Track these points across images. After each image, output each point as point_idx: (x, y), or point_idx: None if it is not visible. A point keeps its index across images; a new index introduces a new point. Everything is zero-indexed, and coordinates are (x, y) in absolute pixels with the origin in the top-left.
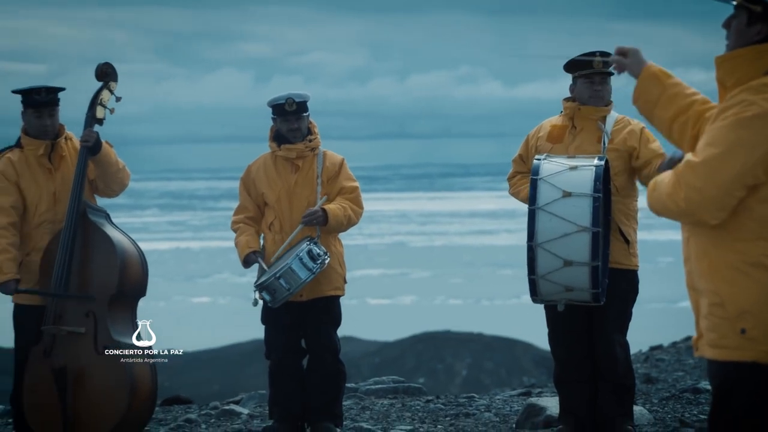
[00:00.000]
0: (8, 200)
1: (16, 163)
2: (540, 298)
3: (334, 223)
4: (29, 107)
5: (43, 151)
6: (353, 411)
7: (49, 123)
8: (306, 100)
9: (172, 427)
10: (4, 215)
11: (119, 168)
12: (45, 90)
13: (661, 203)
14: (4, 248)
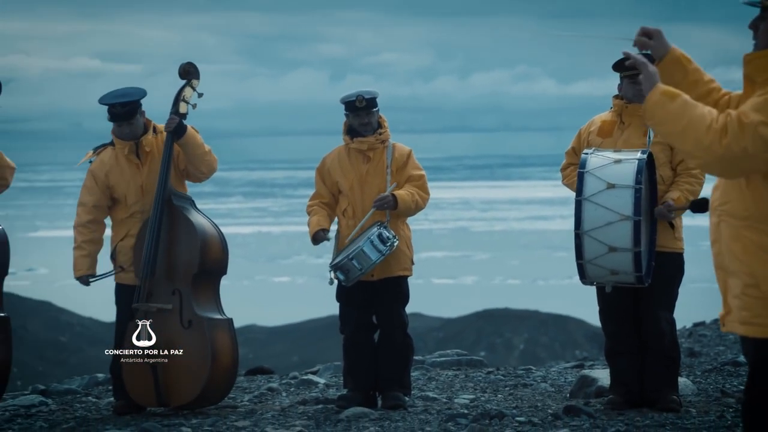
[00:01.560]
0: (92, 199)
1: (107, 161)
2: (588, 280)
3: (403, 207)
4: (110, 119)
5: (129, 150)
6: (420, 381)
7: (128, 131)
8: (375, 96)
9: (255, 395)
10: (86, 213)
11: (205, 151)
12: (120, 105)
13: (697, 126)
14: (80, 245)
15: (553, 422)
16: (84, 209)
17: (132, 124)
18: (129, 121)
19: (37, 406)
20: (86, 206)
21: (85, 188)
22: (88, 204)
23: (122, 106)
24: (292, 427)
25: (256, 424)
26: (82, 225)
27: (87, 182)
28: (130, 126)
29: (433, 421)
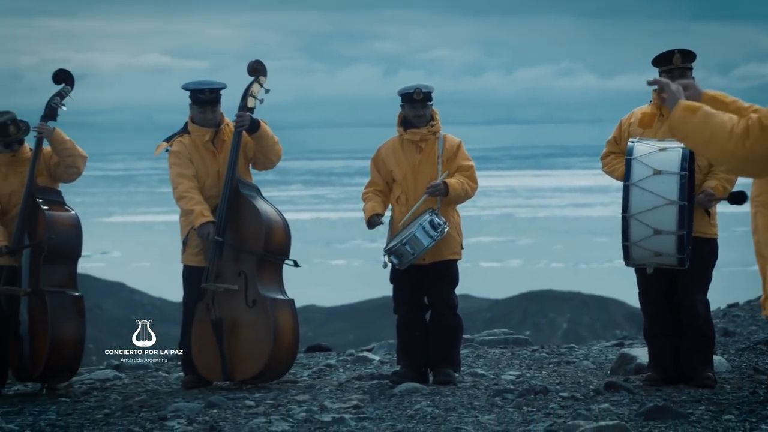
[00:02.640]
0: (191, 170)
1: (188, 146)
2: (632, 262)
3: (453, 195)
4: (195, 104)
5: (209, 138)
6: (469, 358)
7: (211, 117)
8: (431, 90)
9: (314, 371)
10: (190, 180)
11: (275, 141)
12: (209, 90)
13: (719, 134)
14: (200, 201)
15: (594, 397)
16: (185, 177)
17: (215, 111)
18: (213, 108)
19: (111, 380)
20: (186, 175)
21: (177, 165)
22: (187, 174)
23: (210, 92)
24: (348, 401)
25: (315, 398)
26: (190, 189)
27: (176, 160)
28: (213, 113)
29: (481, 396)
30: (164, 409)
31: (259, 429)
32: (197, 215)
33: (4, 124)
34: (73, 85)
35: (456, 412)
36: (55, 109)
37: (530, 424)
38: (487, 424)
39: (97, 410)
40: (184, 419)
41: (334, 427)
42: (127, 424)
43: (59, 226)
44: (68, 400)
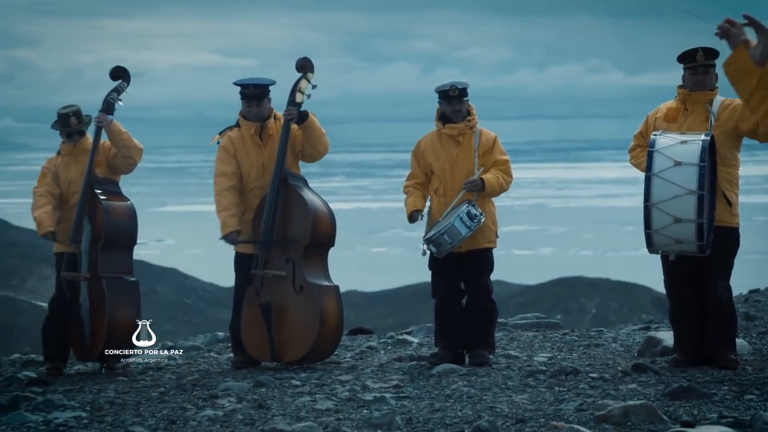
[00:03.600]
0: (229, 168)
1: (235, 140)
2: (654, 249)
3: (489, 189)
4: (242, 98)
5: (254, 131)
6: (503, 341)
7: (256, 111)
8: (466, 87)
9: (357, 353)
10: (226, 180)
11: (322, 134)
12: (253, 86)
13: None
14: (227, 207)
15: (622, 378)
16: (224, 178)
17: (261, 105)
18: (258, 102)
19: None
20: (226, 175)
21: (220, 161)
22: (227, 172)
23: (255, 88)
24: (389, 381)
25: (357, 378)
26: (225, 190)
27: (221, 155)
28: (258, 107)
29: (515, 376)
30: (215, 388)
31: (304, 407)
32: (222, 225)
33: (66, 115)
34: (129, 82)
35: (491, 392)
36: (112, 104)
37: (561, 403)
38: (520, 404)
39: (152, 389)
40: (234, 397)
41: (375, 405)
42: (180, 401)
43: (116, 215)
44: (125, 379)
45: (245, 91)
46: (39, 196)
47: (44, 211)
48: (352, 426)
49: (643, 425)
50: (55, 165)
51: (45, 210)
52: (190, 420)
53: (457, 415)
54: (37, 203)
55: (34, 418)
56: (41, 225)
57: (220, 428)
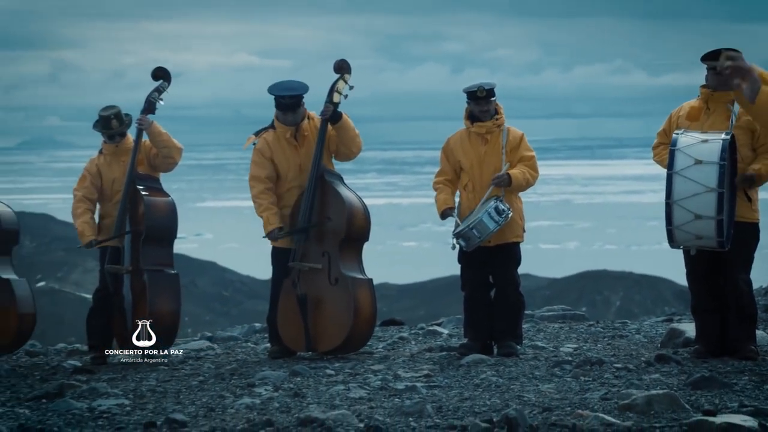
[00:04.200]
0: (264, 173)
1: (271, 142)
2: (676, 244)
3: (516, 184)
4: (277, 107)
5: (290, 134)
6: (530, 332)
7: (291, 118)
8: (493, 87)
9: (389, 343)
10: (262, 183)
11: (356, 134)
12: (289, 97)
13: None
14: (267, 207)
15: (646, 368)
16: (258, 181)
17: (296, 113)
18: (293, 111)
19: (205, 350)
20: (260, 179)
21: (255, 164)
22: (261, 176)
23: (290, 98)
24: (420, 371)
25: (389, 368)
26: (262, 193)
27: (256, 158)
28: (294, 115)
29: (542, 366)
30: (252, 377)
31: (338, 395)
32: (265, 223)
33: (108, 118)
34: (170, 82)
35: (518, 381)
36: (154, 103)
37: (587, 392)
38: (547, 393)
39: (192, 377)
40: (270, 386)
41: (406, 394)
42: (219, 390)
43: (157, 210)
44: (166, 368)
45: (281, 101)
46: (78, 201)
47: (84, 221)
48: (384, 414)
49: (665, 414)
50: (98, 165)
51: (84, 219)
52: (228, 408)
53: (486, 404)
54: (77, 211)
55: (79, 405)
56: (83, 235)
57: (257, 416)
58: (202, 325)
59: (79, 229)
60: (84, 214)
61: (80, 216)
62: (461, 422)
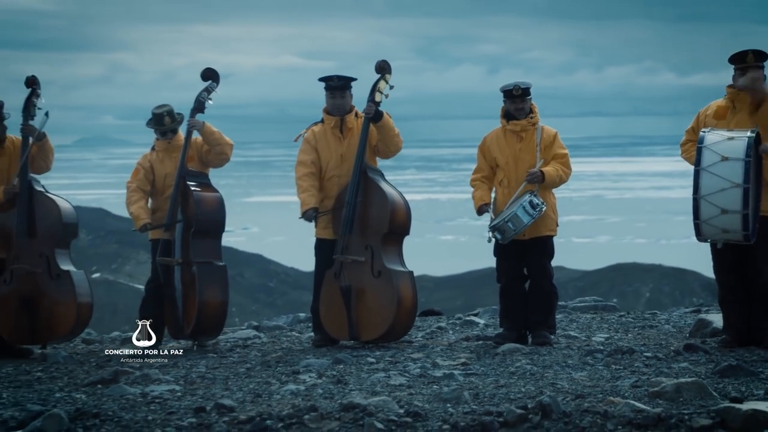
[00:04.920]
0: (309, 158)
1: (317, 133)
2: (703, 238)
3: (549, 180)
4: (327, 90)
5: (335, 124)
6: (563, 322)
7: (341, 102)
8: (529, 86)
9: (427, 333)
10: (306, 167)
11: (396, 133)
12: (337, 78)
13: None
14: (306, 189)
15: (674, 357)
16: (303, 165)
17: (344, 97)
18: (342, 94)
19: (252, 339)
20: (305, 163)
21: (302, 151)
22: (307, 161)
23: (339, 79)
24: (457, 359)
25: (428, 356)
26: (305, 175)
27: (303, 146)
28: (342, 98)
29: (575, 355)
30: (297, 365)
31: (379, 382)
32: (301, 204)
33: (161, 115)
34: (219, 82)
35: (552, 369)
36: (203, 103)
37: (618, 380)
38: (579, 380)
39: (239, 365)
40: (314, 373)
41: (444, 381)
42: (265, 377)
43: (206, 205)
44: (215, 356)
45: (330, 83)
46: (131, 191)
47: (139, 206)
48: (423, 400)
49: (694, 401)
50: (150, 160)
51: (139, 204)
52: (274, 394)
53: (521, 391)
54: (131, 198)
55: (132, 390)
56: (138, 218)
57: (302, 401)
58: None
59: (135, 213)
60: (138, 201)
61: (134, 203)
62: (497, 408)
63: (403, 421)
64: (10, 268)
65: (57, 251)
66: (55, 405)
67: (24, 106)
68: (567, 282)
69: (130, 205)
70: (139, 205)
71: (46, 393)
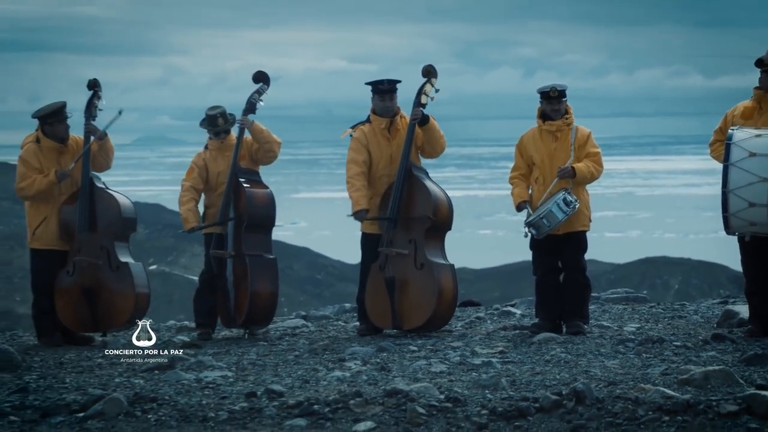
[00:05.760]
0: (360, 157)
1: (368, 133)
2: (731, 231)
3: (580, 176)
4: (376, 93)
5: (384, 126)
6: (596, 313)
7: (389, 105)
8: (565, 88)
9: (466, 322)
10: (358, 166)
11: (440, 135)
12: (387, 81)
13: None
14: (358, 188)
15: (703, 346)
16: (355, 164)
17: (392, 100)
18: (391, 96)
19: (300, 328)
20: (357, 162)
21: (353, 150)
22: (359, 160)
23: (389, 83)
24: (495, 347)
25: (467, 345)
26: (357, 174)
27: (353, 146)
28: (391, 101)
29: (607, 344)
30: (343, 352)
31: (421, 369)
32: (353, 203)
33: (214, 116)
34: (269, 84)
35: (585, 358)
36: (254, 104)
37: (648, 368)
38: (611, 368)
39: (288, 352)
40: (359, 360)
41: (483, 368)
42: (312, 364)
43: (257, 200)
44: (265, 344)
45: (380, 87)
46: (185, 190)
47: (188, 207)
48: (462, 386)
49: (721, 388)
50: (204, 159)
51: (189, 207)
52: (321, 380)
53: (556, 378)
54: (183, 199)
55: (187, 376)
56: (187, 221)
57: (347, 387)
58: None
59: (184, 215)
60: (189, 202)
61: (185, 204)
62: (533, 394)
63: (443, 407)
64: (73, 260)
65: (117, 244)
66: (115, 389)
67: (86, 106)
68: (600, 274)
69: (181, 206)
70: (188, 207)
71: (106, 378)
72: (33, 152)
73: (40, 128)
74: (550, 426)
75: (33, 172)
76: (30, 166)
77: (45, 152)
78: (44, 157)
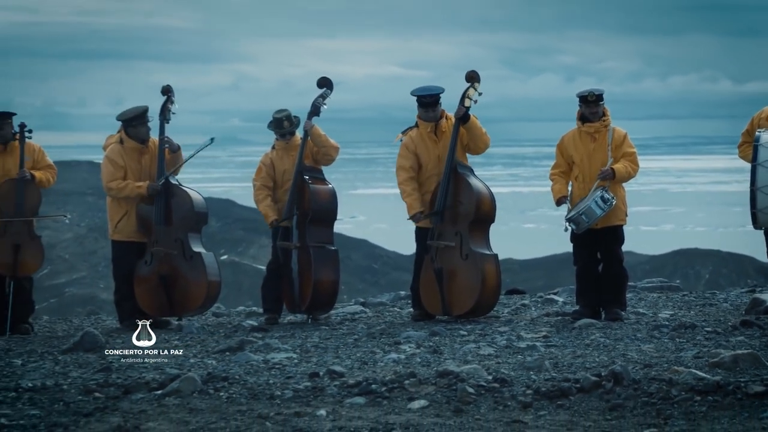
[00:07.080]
0: (408, 163)
1: (415, 138)
2: (758, 225)
3: (619, 177)
4: (420, 106)
5: (430, 129)
6: (633, 301)
7: (432, 114)
8: (602, 93)
9: (512, 309)
10: (406, 172)
11: (483, 132)
12: (429, 96)
13: None
14: (410, 193)
15: (732, 332)
16: (404, 170)
17: (435, 110)
18: (433, 108)
19: (359, 314)
20: (405, 168)
21: (401, 156)
22: (406, 166)
23: (429, 97)
24: (539, 332)
25: (513, 330)
26: (406, 180)
27: (402, 152)
28: (433, 112)
29: (643, 329)
30: (398, 336)
31: (470, 352)
32: (408, 208)
33: (280, 119)
34: (332, 89)
35: (623, 342)
36: (318, 107)
37: (681, 352)
38: (647, 352)
39: (348, 336)
40: (413, 344)
41: (528, 352)
42: (370, 347)
43: (320, 196)
44: (327, 328)
45: (423, 101)
46: (258, 189)
47: (266, 204)
48: (509, 368)
49: (749, 370)
50: (271, 158)
51: (266, 203)
52: (378, 362)
53: (595, 361)
54: (258, 197)
55: (256, 357)
56: (267, 216)
57: (402, 368)
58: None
59: (263, 212)
60: (265, 199)
61: (262, 201)
62: (574, 376)
63: (491, 387)
64: (151, 250)
65: (190, 236)
66: (189, 369)
67: (160, 110)
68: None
69: (259, 204)
70: (265, 203)
71: (182, 359)
72: (118, 152)
73: (123, 130)
74: (589, 405)
75: (119, 170)
76: (116, 165)
77: (128, 152)
78: (127, 156)
